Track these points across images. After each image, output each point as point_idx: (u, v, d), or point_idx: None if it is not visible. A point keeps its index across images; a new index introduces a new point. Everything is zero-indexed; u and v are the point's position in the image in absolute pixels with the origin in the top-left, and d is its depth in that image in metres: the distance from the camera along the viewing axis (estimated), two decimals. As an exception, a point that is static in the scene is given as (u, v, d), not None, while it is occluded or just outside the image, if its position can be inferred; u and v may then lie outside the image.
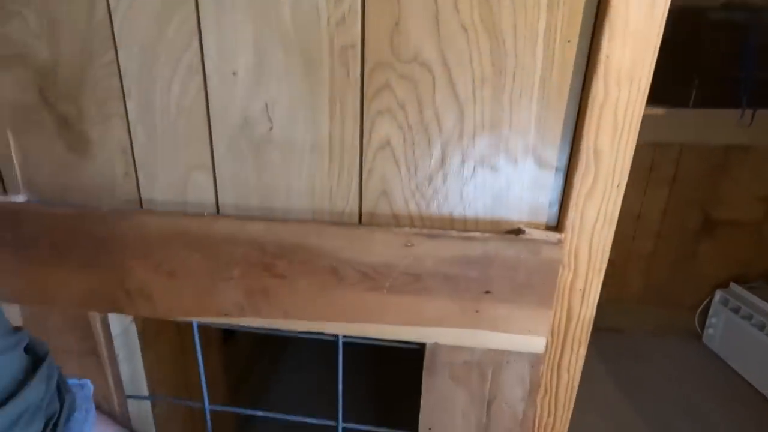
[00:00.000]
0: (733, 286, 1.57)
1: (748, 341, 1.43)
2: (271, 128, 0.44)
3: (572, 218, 0.42)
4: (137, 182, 0.48)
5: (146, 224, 0.47)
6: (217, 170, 0.46)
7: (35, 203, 0.50)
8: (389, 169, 0.44)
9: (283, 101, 0.43)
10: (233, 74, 0.42)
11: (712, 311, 1.60)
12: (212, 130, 0.45)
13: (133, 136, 0.46)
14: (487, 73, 0.40)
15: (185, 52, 0.42)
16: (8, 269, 0.50)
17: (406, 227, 0.44)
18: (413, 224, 0.45)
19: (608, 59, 0.37)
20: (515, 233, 0.43)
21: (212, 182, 0.47)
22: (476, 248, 0.42)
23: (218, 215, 0.47)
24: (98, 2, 0.42)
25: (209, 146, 0.45)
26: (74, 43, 0.44)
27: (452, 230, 0.43)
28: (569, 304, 0.44)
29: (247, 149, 0.45)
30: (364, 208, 0.45)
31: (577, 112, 0.40)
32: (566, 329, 0.45)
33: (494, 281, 0.42)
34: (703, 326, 1.63)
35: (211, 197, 0.47)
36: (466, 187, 0.43)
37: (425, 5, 0.39)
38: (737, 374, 1.47)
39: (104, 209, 0.48)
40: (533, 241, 0.41)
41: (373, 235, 0.43)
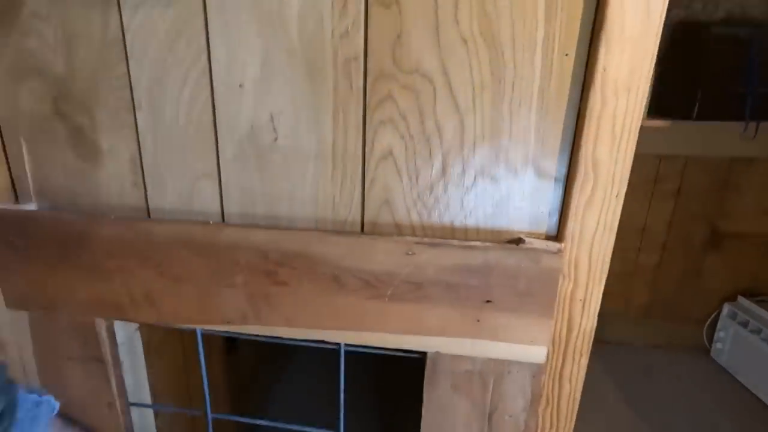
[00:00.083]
0: (740, 299, 1.55)
1: (756, 356, 1.40)
2: (276, 138, 0.45)
3: (572, 228, 0.42)
4: (145, 191, 0.49)
5: (153, 232, 0.48)
6: (222, 179, 0.47)
7: (46, 211, 0.51)
8: (391, 178, 0.44)
9: (287, 112, 0.44)
10: (240, 86, 0.44)
11: (720, 325, 1.57)
12: (219, 140, 0.46)
13: (142, 146, 0.47)
14: (486, 83, 0.41)
15: (194, 65, 0.44)
16: (18, 275, 0.51)
17: (407, 236, 0.45)
18: (415, 233, 0.46)
19: (605, 71, 0.38)
20: (515, 242, 0.43)
21: (218, 191, 0.48)
22: (477, 257, 0.42)
23: (223, 223, 0.48)
24: (112, 19, 0.44)
25: (215, 156, 0.46)
26: (88, 57, 0.45)
27: (453, 239, 0.44)
28: (570, 313, 0.44)
29: (252, 158, 0.46)
30: (366, 216, 0.46)
31: (575, 121, 0.41)
32: (567, 339, 0.45)
33: (495, 290, 0.43)
34: (711, 340, 1.61)
35: (216, 205, 0.48)
36: (466, 196, 0.44)
37: (426, 18, 0.40)
38: (746, 389, 1.44)
39: (113, 217, 0.49)
40: (533, 250, 0.41)
41: (374, 243, 0.44)
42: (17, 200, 0.52)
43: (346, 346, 0.50)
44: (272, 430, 0.59)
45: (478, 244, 0.43)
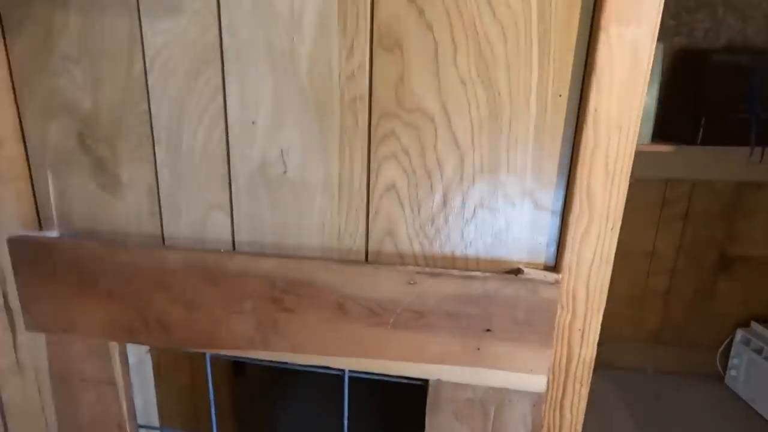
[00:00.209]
0: (754, 325, 1.52)
1: (773, 384, 1.37)
2: (285, 171, 0.47)
3: (569, 259, 0.43)
4: (161, 219, 0.52)
5: (167, 259, 0.50)
6: (234, 209, 0.50)
7: (67, 238, 0.54)
8: (394, 210, 0.46)
9: (297, 147, 0.47)
10: (252, 123, 0.47)
11: (733, 351, 1.54)
12: (231, 173, 0.48)
13: (159, 177, 0.50)
14: (484, 121, 0.43)
15: (210, 104, 0.47)
16: (39, 299, 0.54)
17: (410, 265, 0.47)
18: (417, 262, 0.47)
19: (597, 111, 0.40)
20: (514, 273, 0.44)
21: (229, 221, 0.50)
22: (476, 287, 0.44)
23: (233, 251, 0.50)
24: (136, 61, 0.47)
25: (228, 188, 0.49)
26: (113, 95, 0.49)
27: (454, 269, 0.45)
28: (569, 343, 0.45)
29: (262, 190, 0.48)
30: (370, 246, 0.48)
31: (570, 157, 0.43)
32: (567, 369, 0.46)
33: (494, 319, 0.44)
34: (725, 367, 1.57)
35: (227, 234, 0.51)
36: (467, 227, 0.46)
37: (427, 61, 0.42)
38: (762, 418, 1.40)
39: (130, 244, 0.51)
40: (531, 281, 0.43)
41: (378, 272, 0.45)
42: (41, 227, 0.55)
43: (350, 371, 0.51)
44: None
45: (477, 274, 0.44)
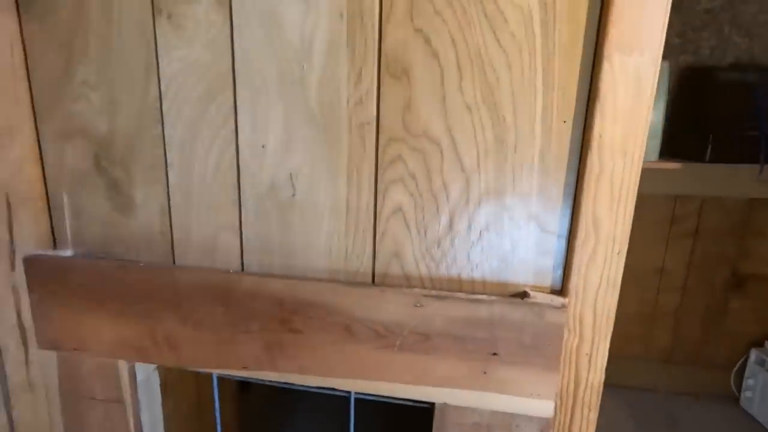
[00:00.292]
0: (769, 345, 1.49)
1: (790, 407, 1.33)
2: (294, 194, 0.48)
3: (575, 283, 0.43)
4: (172, 240, 0.53)
5: (177, 278, 0.51)
6: (243, 231, 0.50)
7: (80, 258, 0.55)
8: (401, 232, 0.47)
9: (305, 170, 0.48)
10: (263, 147, 0.48)
11: (748, 372, 1.50)
12: (241, 195, 0.49)
13: (171, 199, 0.51)
14: (490, 146, 0.44)
15: (222, 128, 0.48)
16: (52, 317, 0.55)
17: (416, 288, 0.47)
18: (423, 285, 0.48)
19: (601, 137, 0.40)
20: (520, 296, 0.44)
21: (239, 241, 0.51)
22: (482, 310, 0.44)
23: (242, 272, 0.51)
24: (151, 87, 0.49)
25: (238, 209, 0.50)
26: (129, 119, 0.50)
27: (460, 292, 0.46)
28: (577, 368, 0.45)
29: (271, 212, 0.49)
30: (377, 268, 0.48)
31: (575, 181, 0.43)
32: (575, 394, 0.45)
33: (501, 343, 0.44)
34: (739, 388, 1.53)
35: (237, 255, 0.51)
36: (473, 250, 0.46)
37: (433, 88, 0.43)
38: (781, 443, 1.35)
39: (141, 264, 0.52)
40: (537, 305, 0.43)
41: (384, 295, 0.46)
42: (55, 246, 0.56)
43: (356, 393, 0.51)
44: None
45: (484, 297, 0.44)
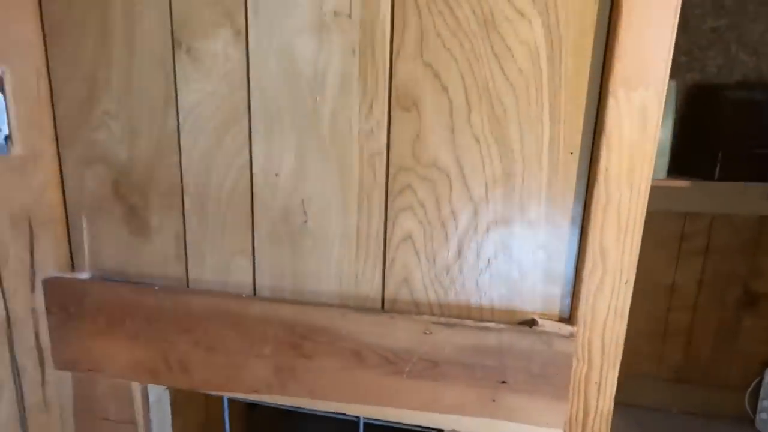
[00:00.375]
0: (784, 365, 1.46)
1: (807, 430, 1.30)
2: (306, 221, 0.49)
3: (584, 312, 0.44)
4: (186, 264, 0.54)
5: (191, 302, 0.52)
6: (256, 256, 0.52)
7: (97, 281, 0.56)
8: (410, 259, 0.48)
9: (317, 198, 0.49)
10: (276, 175, 0.49)
11: (763, 393, 1.47)
12: (255, 221, 0.51)
13: (186, 224, 0.53)
14: (498, 176, 0.45)
15: (237, 157, 0.50)
16: (68, 338, 0.56)
17: (425, 314, 0.47)
18: (432, 311, 0.48)
19: (608, 170, 0.41)
20: (529, 324, 0.45)
21: (251, 266, 0.52)
22: (491, 338, 0.44)
23: (254, 297, 0.52)
24: (170, 117, 0.50)
25: (251, 235, 0.51)
26: (147, 147, 0.52)
27: (468, 319, 0.46)
28: (586, 396, 0.45)
29: (283, 238, 0.50)
30: (386, 294, 0.49)
31: (582, 212, 0.44)
32: (584, 423, 0.45)
33: (509, 371, 0.44)
34: (754, 409, 1.50)
35: (249, 279, 0.52)
36: (481, 277, 0.47)
37: (442, 120, 0.45)
38: (799, 468, 1.32)
39: (156, 287, 0.53)
40: (545, 333, 0.43)
41: (394, 321, 0.46)
42: (73, 269, 0.58)
43: (365, 418, 0.51)
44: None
45: (492, 325, 0.45)
